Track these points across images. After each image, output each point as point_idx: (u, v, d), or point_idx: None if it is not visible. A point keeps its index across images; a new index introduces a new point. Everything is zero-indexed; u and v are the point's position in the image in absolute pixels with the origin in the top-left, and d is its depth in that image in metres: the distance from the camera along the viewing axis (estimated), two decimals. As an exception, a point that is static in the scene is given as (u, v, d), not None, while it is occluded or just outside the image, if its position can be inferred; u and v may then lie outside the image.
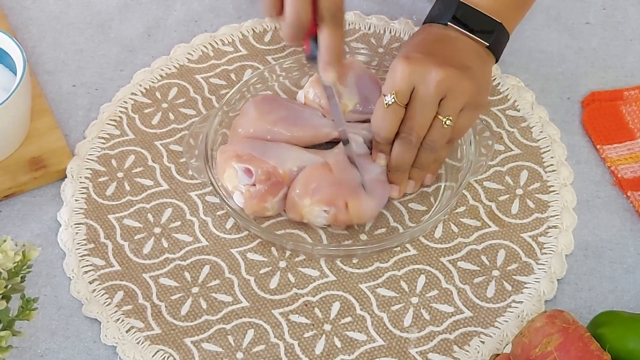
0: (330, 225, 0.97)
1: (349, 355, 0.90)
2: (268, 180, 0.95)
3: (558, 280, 0.94)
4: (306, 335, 0.91)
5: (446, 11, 0.97)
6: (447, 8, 0.97)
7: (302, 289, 0.94)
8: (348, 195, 0.94)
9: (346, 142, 0.99)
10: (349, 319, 0.92)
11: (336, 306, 0.93)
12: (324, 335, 0.91)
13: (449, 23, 0.97)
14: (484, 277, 0.94)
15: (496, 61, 1.00)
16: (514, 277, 0.94)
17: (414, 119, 0.93)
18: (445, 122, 0.93)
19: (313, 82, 1.04)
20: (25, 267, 0.83)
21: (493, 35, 0.97)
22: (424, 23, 1.00)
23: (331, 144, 1.02)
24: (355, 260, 0.96)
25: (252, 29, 1.15)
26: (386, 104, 0.93)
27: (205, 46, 1.14)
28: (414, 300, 0.93)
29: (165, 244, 0.97)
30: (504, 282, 0.94)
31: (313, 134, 1.02)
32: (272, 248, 0.97)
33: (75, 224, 0.99)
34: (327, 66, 0.94)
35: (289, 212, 0.97)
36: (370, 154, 1.00)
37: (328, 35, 0.93)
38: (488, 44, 0.97)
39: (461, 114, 0.94)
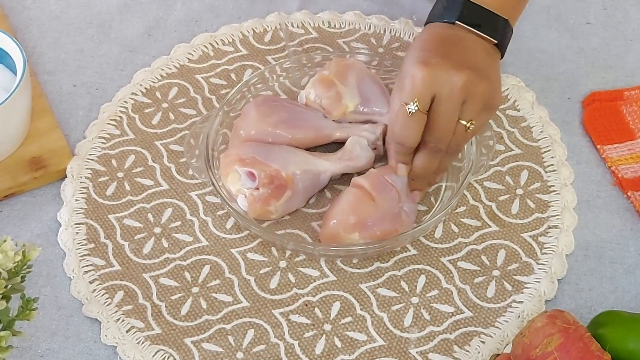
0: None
1: (349, 355, 0.90)
2: (271, 183, 0.95)
3: (558, 280, 0.94)
4: (306, 335, 0.91)
5: (451, 9, 0.96)
6: (452, 6, 0.96)
7: (302, 289, 0.94)
8: (397, 225, 0.94)
9: None
10: (349, 319, 0.92)
11: (336, 306, 0.93)
12: (324, 335, 0.91)
13: (457, 22, 0.95)
14: (484, 277, 0.94)
15: (501, 57, 0.98)
16: (514, 277, 0.94)
17: (440, 126, 0.91)
18: (469, 127, 0.91)
19: (314, 82, 1.04)
20: (25, 267, 0.83)
21: (500, 32, 0.96)
22: (426, 22, 0.98)
23: (332, 145, 1.02)
24: (355, 260, 0.96)
25: (252, 29, 1.15)
26: (409, 112, 0.91)
27: (205, 46, 1.14)
28: (414, 300, 0.93)
29: (166, 244, 0.97)
30: (504, 282, 0.94)
31: (314, 135, 1.02)
32: (273, 248, 0.97)
33: (75, 224, 0.99)
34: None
35: (325, 240, 0.95)
36: (376, 152, 1.01)
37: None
38: (497, 42, 0.96)
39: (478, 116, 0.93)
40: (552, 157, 1.03)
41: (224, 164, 0.97)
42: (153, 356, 0.90)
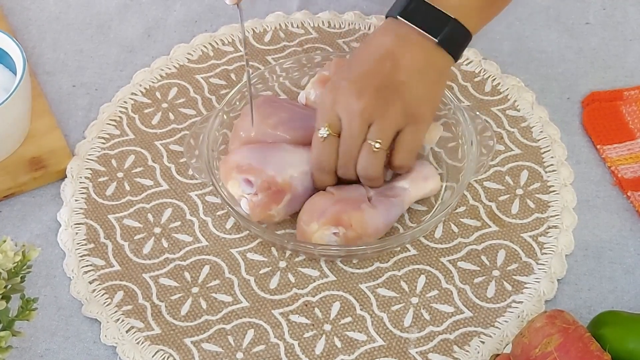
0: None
1: (349, 356, 0.90)
2: (269, 189, 0.95)
3: (558, 280, 0.94)
4: (306, 335, 0.91)
5: (398, 4, 0.95)
6: (400, 1, 0.95)
7: (302, 289, 0.94)
8: (350, 210, 0.93)
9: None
10: (349, 319, 0.92)
11: (336, 306, 0.93)
12: (324, 336, 0.91)
13: (398, 17, 0.94)
14: (484, 277, 0.94)
15: (455, 60, 0.96)
16: (514, 277, 0.94)
17: (342, 149, 0.93)
18: (374, 146, 0.92)
19: (314, 83, 1.04)
20: (25, 267, 0.83)
21: (444, 31, 0.94)
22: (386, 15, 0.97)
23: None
24: (355, 261, 0.96)
25: (252, 29, 1.15)
26: (322, 137, 0.93)
27: (205, 46, 1.14)
28: (414, 300, 0.93)
29: (165, 244, 0.97)
30: (504, 282, 0.94)
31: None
32: (272, 248, 0.97)
33: (75, 224, 0.99)
34: None
35: (300, 239, 0.95)
36: None
37: None
38: (437, 40, 0.93)
39: (402, 134, 0.93)
40: (552, 157, 1.03)
41: (223, 170, 0.97)
42: (153, 356, 0.90)
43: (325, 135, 0.93)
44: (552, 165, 1.02)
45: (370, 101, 0.91)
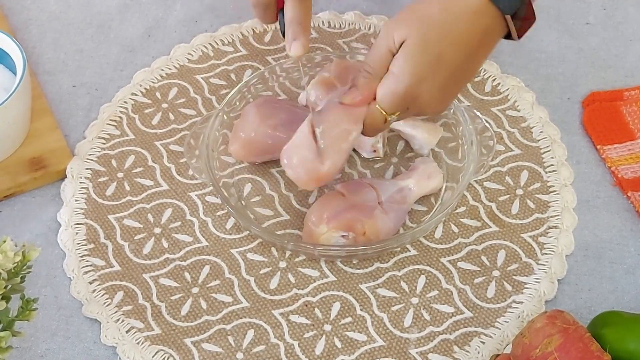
0: None
1: (349, 356, 0.90)
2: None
3: (558, 280, 0.94)
4: (306, 335, 0.91)
5: None
6: None
7: (302, 289, 0.94)
8: (364, 218, 0.93)
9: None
10: (349, 319, 0.92)
11: (336, 306, 0.93)
12: (324, 336, 0.91)
13: None
14: (484, 277, 0.94)
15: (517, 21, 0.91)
16: (514, 277, 0.94)
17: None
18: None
19: (314, 84, 1.04)
20: (25, 267, 0.83)
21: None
22: None
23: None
24: (355, 261, 0.96)
25: (252, 29, 1.15)
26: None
27: (205, 46, 1.14)
28: (414, 300, 0.93)
29: (165, 244, 0.97)
30: (504, 283, 0.94)
31: None
32: (272, 248, 0.97)
33: (75, 224, 0.99)
34: (292, 40, 0.93)
35: (305, 239, 0.95)
36: (375, 154, 1.02)
37: (291, 8, 0.91)
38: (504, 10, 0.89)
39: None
40: (552, 158, 1.03)
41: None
42: (153, 356, 0.90)
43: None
44: (552, 165, 1.02)
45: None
